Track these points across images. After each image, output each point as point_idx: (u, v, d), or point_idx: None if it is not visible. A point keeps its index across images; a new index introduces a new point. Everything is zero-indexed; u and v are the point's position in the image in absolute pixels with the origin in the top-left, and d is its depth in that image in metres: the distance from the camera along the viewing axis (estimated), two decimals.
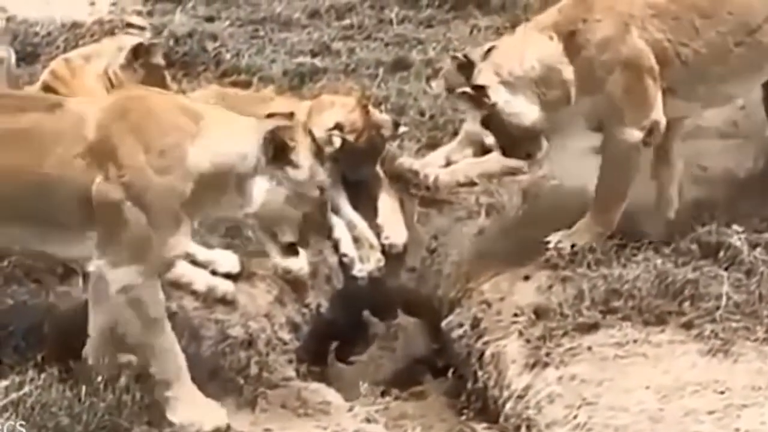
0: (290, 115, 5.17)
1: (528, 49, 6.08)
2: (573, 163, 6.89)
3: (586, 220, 6.14)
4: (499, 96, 6.04)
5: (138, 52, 6.26)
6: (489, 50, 6.26)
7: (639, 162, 6.06)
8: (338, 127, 6.69)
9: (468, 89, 6.14)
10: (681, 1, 6.00)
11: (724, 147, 6.87)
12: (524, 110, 6.07)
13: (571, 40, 6.00)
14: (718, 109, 6.67)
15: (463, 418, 5.43)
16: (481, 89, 6.06)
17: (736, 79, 6.11)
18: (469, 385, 5.89)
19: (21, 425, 4.59)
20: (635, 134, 5.96)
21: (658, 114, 5.97)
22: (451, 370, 6.16)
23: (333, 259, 6.59)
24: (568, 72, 5.99)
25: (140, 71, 6.23)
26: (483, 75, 6.11)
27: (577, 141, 6.73)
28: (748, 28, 6.03)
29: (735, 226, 5.88)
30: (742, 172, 6.55)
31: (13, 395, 4.77)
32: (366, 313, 6.58)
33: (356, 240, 6.64)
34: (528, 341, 5.66)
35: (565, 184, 6.81)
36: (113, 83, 6.16)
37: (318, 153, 5.03)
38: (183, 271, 5.88)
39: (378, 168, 6.95)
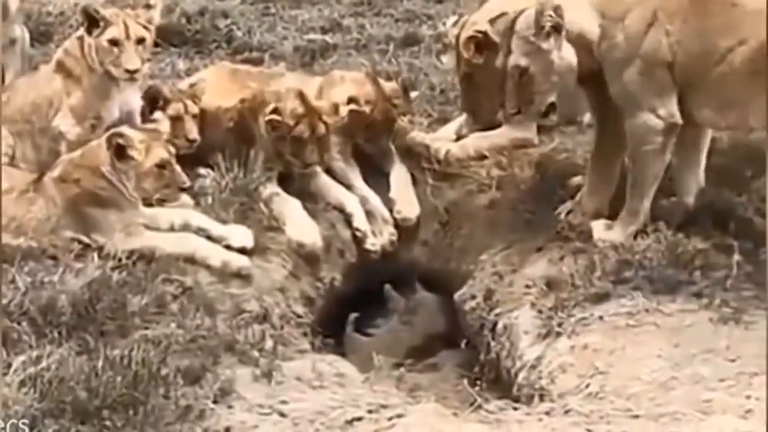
0: None
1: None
2: (583, 136, 6.92)
3: (622, 215, 6.01)
4: None
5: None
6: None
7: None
8: (352, 100, 6.75)
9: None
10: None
11: None
12: None
13: None
14: None
15: (477, 389, 5.43)
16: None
17: None
18: (482, 356, 5.95)
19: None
20: (653, 119, 5.78)
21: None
22: (464, 342, 6.21)
23: (346, 233, 6.62)
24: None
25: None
26: None
27: (587, 115, 6.78)
28: None
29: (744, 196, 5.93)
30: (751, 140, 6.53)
31: (31, 370, 4.84)
32: (387, 287, 6.60)
33: (369, 214, 6.66)
34: (540, 312, 5.69)
35: (575, 156, 6.82)
36: None
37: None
38: (198, 246, 5.94)
39: (390, 142, 6.98)
